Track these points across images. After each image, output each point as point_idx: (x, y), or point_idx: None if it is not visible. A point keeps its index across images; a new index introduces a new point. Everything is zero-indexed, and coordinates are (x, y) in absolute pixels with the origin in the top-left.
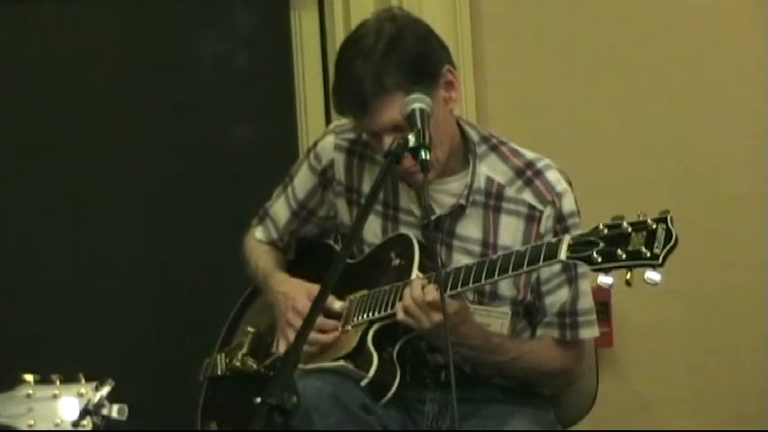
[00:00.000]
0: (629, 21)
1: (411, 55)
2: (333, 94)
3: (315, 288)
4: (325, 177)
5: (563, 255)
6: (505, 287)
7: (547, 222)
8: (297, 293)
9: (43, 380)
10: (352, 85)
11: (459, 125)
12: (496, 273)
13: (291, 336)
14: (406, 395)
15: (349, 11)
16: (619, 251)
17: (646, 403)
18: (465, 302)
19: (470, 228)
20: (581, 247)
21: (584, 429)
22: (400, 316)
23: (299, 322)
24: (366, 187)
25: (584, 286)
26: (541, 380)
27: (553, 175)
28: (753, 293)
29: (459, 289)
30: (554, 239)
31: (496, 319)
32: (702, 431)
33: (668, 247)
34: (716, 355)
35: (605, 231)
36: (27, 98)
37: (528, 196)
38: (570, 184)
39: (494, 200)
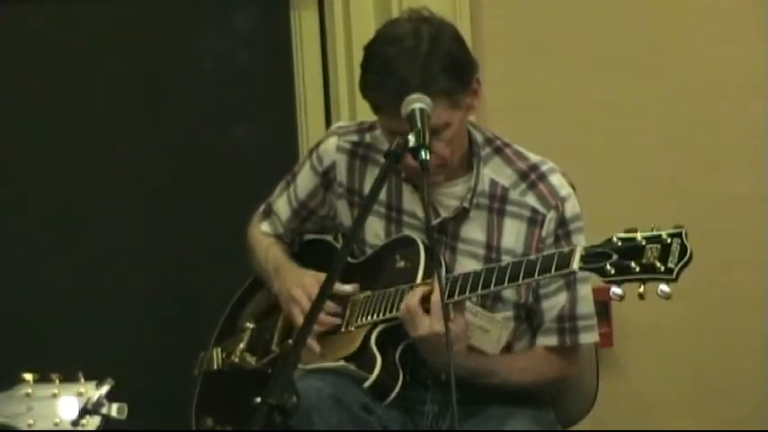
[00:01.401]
0: (628, 21)
1: (452, 59)
2: (368, 89)
3: (322, 276)
4: (326, 178)
5: (575, 265)
6: (509, 290)
7: (549, 226)
8: (306, 276)
9: (43, 379)
10: (397, 85)
11: None
12: (506, 281)
13: (296, 311)
14: (406, 395)
15: (349, 11)
16: (632, 264)
17: (646, 403)
18: (463, 326)
19: (474, 230)
20: (594, 258)
21: (585, 429)
22: (402, 315)
23: (304, 299)
24: (367, 189)
25: (584, 291)
26: (534, 389)
27: (557, 179)
28: (753, 293)
29: (467, 294)
30: (566, 249)
31: (495, 328)
32: (702, 431)
33: (683, 262)
34: (716, 356)
35: (619, 243)
36: (27, 98)
37: (531, 200)
38: (573, 187)
39: (497, 203)
